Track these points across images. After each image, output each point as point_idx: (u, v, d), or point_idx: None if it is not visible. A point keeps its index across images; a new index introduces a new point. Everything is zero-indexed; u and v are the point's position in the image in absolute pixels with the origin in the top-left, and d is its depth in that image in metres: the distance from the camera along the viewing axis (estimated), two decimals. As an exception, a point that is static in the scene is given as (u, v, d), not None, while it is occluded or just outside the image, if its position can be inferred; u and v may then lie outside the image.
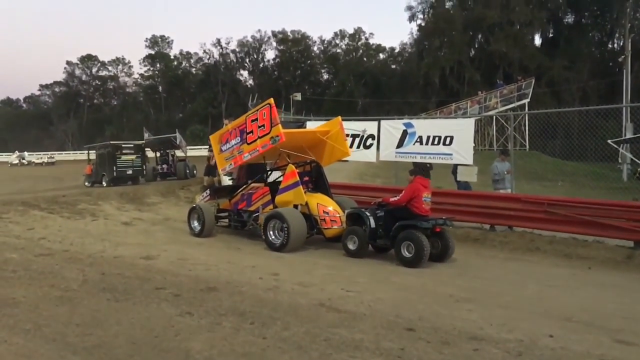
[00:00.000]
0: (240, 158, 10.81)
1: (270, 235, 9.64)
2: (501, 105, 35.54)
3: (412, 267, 8.12)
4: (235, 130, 10.96)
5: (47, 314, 5.55)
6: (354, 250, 8.97)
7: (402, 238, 8.33)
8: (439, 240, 8.62)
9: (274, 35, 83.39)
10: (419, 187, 8.65)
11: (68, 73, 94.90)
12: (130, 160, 21.98)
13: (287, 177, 10.12)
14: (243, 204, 11.09)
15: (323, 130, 11.14)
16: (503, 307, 6.12)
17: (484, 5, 58.37)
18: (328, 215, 9.72)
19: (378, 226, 8.91)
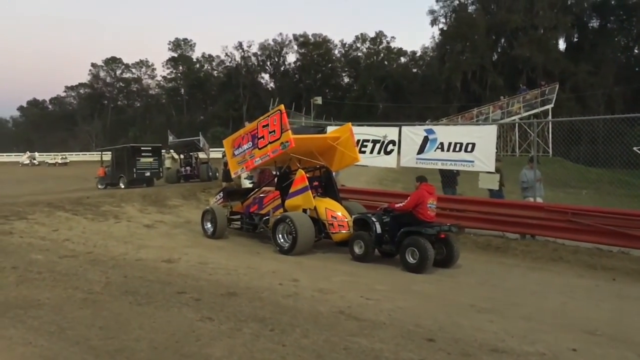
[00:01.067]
0: (252, 162, 11.06)
1: (279, 238, 9.85)
2: (524, 110, 35.10)
3: (416, 272, 8.21)
4: (247, 135, 11.22)
5: (70, 316, 5.64)
6: (360, 254, 9.11)
7: (406, 244, 8.46)
8: (444, 247, 8.70)
9: (296, 38, 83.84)
10: (424, 193, 8.77)
11: (93, 75, 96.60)
12: (149, 163, 22.62)
13: (297, 181, 10.33)
14: (255, 207, 11.35)
15: (333, 136, 11.35)
16: (525, 318, 6.05)
17: (508, 9, 57.87)
18: (336, 219, 9.90)
19: (384, 231, 9.04)
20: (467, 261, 9.47)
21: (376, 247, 9.09)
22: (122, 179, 22.31)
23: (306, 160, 10.80)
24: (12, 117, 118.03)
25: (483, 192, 12.23)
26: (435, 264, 8.47)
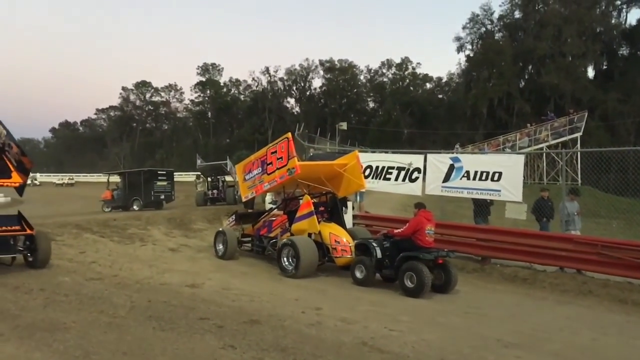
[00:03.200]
0: (261, 187, 11.63)
1: (284, 261, 10.16)
2: (552, 138, 34.64)
3: (413, 297, 8.40)
4: (257, 161, 11.82)
5: (95, 340, 5.67)
6: (361, 279, 9.34)
7: (405, 268, 8.68)
8: (442, 272, 8.90)
9: (321, 63, 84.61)
10: (422, 220, 9.00)
11: (123, 98, 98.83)
12: (164, 186, 23.55)
13: (303, 206, 10.70)
14: (264, 230, 11.76)
15: (340, 163, 11.67)
16: (553, 354, 5.89)
17: (535, 36, 57.69)
18: (339, 244, 10.21)
19: (384, 256, 9.25)
20: (494, 293, 9.32)
21: (377, 271, 9.31)
22: (136, 202, 22.87)
23: (313, 186, 11.18)
24: (44, 139, 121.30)
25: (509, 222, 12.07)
26: (434, 289, 8.72)
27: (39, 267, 9.36)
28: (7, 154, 9.71)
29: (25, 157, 9.69)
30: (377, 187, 14.04)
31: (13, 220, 9.65)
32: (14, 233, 9.40)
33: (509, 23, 62.96)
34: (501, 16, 63.62)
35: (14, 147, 9.66)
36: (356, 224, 12.77)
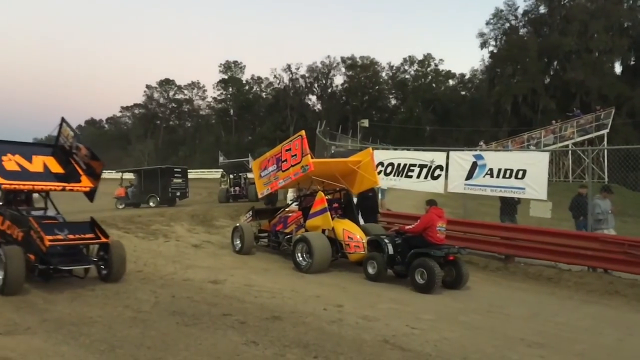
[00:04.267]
0: (276, 184, 11.88)
1: (298, 257, 10.35)
2: (578, 135, 34.06)
3: (424, 292, 8.54)
4: (272, 158, 12.06)
5: (120, 334, 5.78)
6: (373, 274, 9.51)
7: (416, 265, 8.82)
8: (453, 269, 9.01)
9: (343, 60, 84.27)
10: (433, 217, 9.08)
11: (147, 96, 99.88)
12: (179, 183, 24.19)
13: (317, 203, 10.87)
14: (280, 226, 11.98)
15: (354, 160, 11.82)
16: (578, 354, 5.82)
17: (560, 32, 56.61)
18: (352, 240, 10.32)
19: (396, 253, 9.41)
20: (518, 292, 9.23)
21: (388, 267, 9.46)
22: (152, 199, 23.29)
23: (328, 182, 11.38)
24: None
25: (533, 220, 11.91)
26: (445, 285, 8.90)
27: (112, 281, 8.39)
28: (75, 157, 9.17)
29: (95, 161, 8.93)
30: (398, 185, 14.00)
31: (85, 227, 8.63)
32: (88, 242, 8.48)
33: (534, 18, 61.88)
34: (526, 11, 62.57)
35: (82, 149, 9.03)
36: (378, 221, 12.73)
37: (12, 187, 8.24)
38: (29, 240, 7.86)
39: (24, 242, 7.95)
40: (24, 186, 8.44)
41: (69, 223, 8.70)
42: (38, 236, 7.69)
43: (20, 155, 8.77)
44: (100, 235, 8.50)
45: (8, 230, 8.41)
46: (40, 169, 8.81)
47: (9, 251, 7.39)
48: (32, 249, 7.79)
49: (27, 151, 9.02)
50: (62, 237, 7.90)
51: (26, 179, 8.40)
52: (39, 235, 7.68)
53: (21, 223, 8.18)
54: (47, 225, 7.95)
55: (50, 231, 7.80)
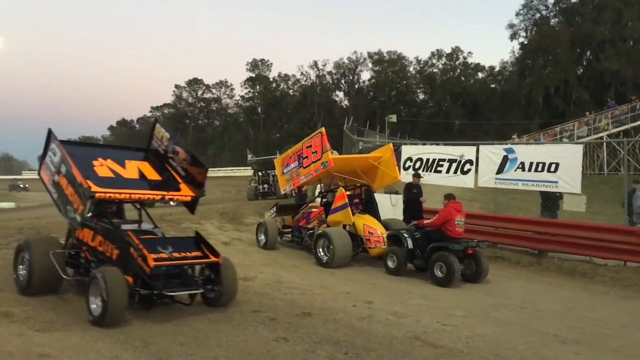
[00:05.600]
0: (298, 180, 12.11)
1: (320, 252, 10.53)
2: (613, 126, 33.12)
3: (443, 286, 8.61)
4: (294, 155, 12.28)
5: (154, 331, 5.87)
6: (393, 268, 9.67)
7: (435, 259, 8.93)
8: (473, 262, 9.07)
9: (370, 56, 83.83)
10: (452, 211, 9.17)
11: (176, 96, 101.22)
12: None
13: (338, 199, 11.09)
14: (303, 222, 12.19)
15: (375, 156, 12.00)
16: (614, 351, 5.69)
17: (593, 21, 55.18)
18: (373, 235, 10.50)
19: (416, 247, 9.52)
20: (551, 287, 9.08)
21: (408, 261, 9.59)
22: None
23: (349, 178, 11.53)
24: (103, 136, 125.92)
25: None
26: (465, 279, 9.01)
27: (221, 306, 6.90)
28: (171, 162, 7.83)
29: (196, 167, 7.51)
30: (428, 180, 13.85)
31: (190, 243, 7.17)
32: (197, 261, 6.88)
33: (565, 8, 60.43)
34: (557, 1, 61.15)
35: (180, 153, 7.65)
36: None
37: (107, 195, 6.61)
38: (127, 260, 6.51)
39: (120, 261, 6.63)
40: (119, 195, 6.85)
41: (171, 239, 7.70)
42: (140, 254, 6.32)
43: (112, 160, 7.47)
44: (208, 254, 6.97)
45: (100, 247, 7.09)
46: (135, 175, 7.50)
47: (109, 273, 6.05)
48: (130, 270, 6.38)
49: (119, 155, 7.77)
50: (167, 256, 6.47)
51: (121, 187, 6.96)
52: (140, 253, 6.31)
53: (117, 238, 6.84)
54: (147, 242, 6.58)
55: (152, 248, 6.40)
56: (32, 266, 6.96)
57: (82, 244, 7.43)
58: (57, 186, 7.11)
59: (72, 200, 6.65)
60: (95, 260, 7.12)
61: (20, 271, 7.24)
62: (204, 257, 6.90)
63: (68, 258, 7.49)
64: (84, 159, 7.04)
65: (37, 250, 7.05)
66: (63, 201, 6.93)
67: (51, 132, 7.38)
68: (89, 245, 7.28)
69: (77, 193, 6.54)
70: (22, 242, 7.51)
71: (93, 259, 7.19)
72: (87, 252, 7.33)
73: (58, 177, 7.06)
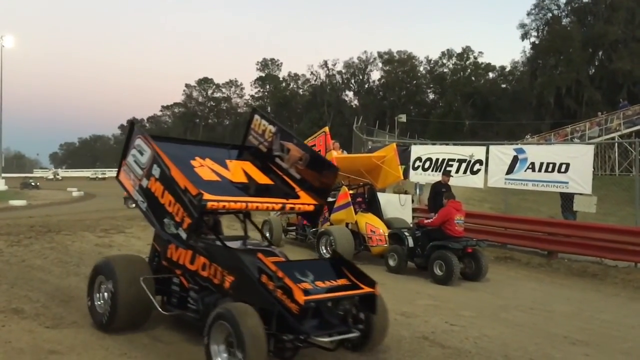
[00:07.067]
0: None
1: (322, 249, 10.66)
2: (625, 127, 32.83)
3: (442, 284, 8.68)
4: None
5: (163, 327, 5.89)
6: (394, 266, 9.76)
7: (435, 257, 9.04)
8: (473, 261, 9.16)
9: (380, 56, 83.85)
10: (451, 210, 9.28)
11: (186, 95, 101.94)
12: None
13: (340, 197, 11.19)
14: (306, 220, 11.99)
15: (379, 156, 12.09)
16: (625, 353, 5.65)
17: (606, 21, 54.77)
18: (375, 234, 10.57)
19: (416, 245, 9.59)
20: (561, 288, 9.02)
21: (408, 260, 9.67)
22: None
23: (352, 177, 11.60)
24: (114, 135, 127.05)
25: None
26: (465, 277, 9.11)
27: (367, 351, 5.16)
28: (280, 162, 6.15)
29: (318, 169, 5.84)
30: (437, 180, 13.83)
31: (326, 267, 5.25)
32: (350, 293, 4.92)
33: (578, 7, 60.03)
34: (569, 0, 60.79)
35: (292, 151, 6.00)
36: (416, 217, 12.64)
37: (221, 205, 5.08)
38: (254, 291, 4.78)
39: (237, 292, 4.95)
40: (234, 204, 5.28)
41: (304, 262, 5.72)
42: (280, 286, 4.55)
43: (211, 160, 5.90)
44: (357, 282, 5.03)
45: (204, 271, 5.38)
46: (243, 178, 5.90)
47: (241, 313, 4.35)
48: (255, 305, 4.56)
49: (216, 154, 6.15)
50: (311, 287, 4.63)
51: (232, 194, 5.37)
52: (281, 284, 4.54)
53: (231, 261, 5.14)
54: (285, 267, 4.78)
55: (293, 277, 4.60)
56: (116, 297, 5.40)
57: (176, 266, 5.73)
58: (146, 193, 5.52)
59: (172, 211, 5.10)
60: (195, 289, 5.47)
61: (98, 301, 5.75)
62: (354, 286, 4.97)
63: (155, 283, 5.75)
64: (180, 159, 5.43)
65: (123, 277, 5.48)
66: (158, 212, 5.38)
67: (135, 126, 6.07)
68: (185, 269, 5.60)
69: (180, 202, 4.98)
70: (101, 263, 5.85)
71: (192, 286, 5.53)
72: (183, 277, 5.64)
73: (148, 181, 5.48)
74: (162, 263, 5.93)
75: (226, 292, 5.06)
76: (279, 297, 4.53)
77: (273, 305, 4.56)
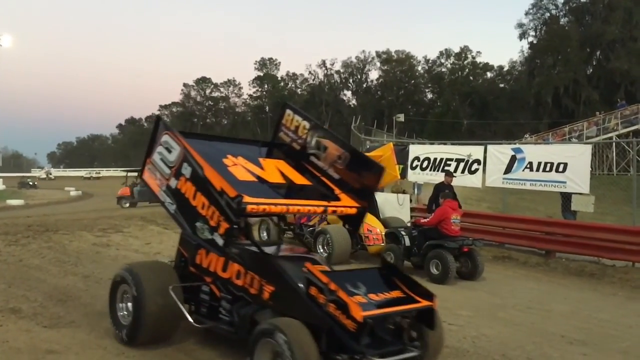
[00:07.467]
0: None
1: (319, 248, 10.60)
2: (622, 127, 32.89)
3: (439, 283, 8.59)
4: None
5: (160, 328, 5.87)
6: None
7: (431, 256, 9.06)
8: (469, 260, 9.19)
9: (378, 55, 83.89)
10: (448, 209, 9.26)
11: (184, 94, 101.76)
12: None
13: None
14: (304, 219, 12.15)
15: (376, 155, 12.03)
16: (622, 352, 5.66)
17: (603, 20, 54.84)
18: (372, 233, 10.60)
19: (413, 244, 9.60)
20: (559, 288, 9.03)
21: (405, 259, 9.66)
22: None
23: None
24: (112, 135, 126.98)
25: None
26: (461, 276, 9.12)
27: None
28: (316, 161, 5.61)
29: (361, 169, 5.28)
30: (435, 180, 13.82)
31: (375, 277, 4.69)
32: (408, 307, 4.37)
33: (575, 7, 60.13)
34: (567, 0, 60.89)
35: (330, 149, 5.48)
36: (414, 217, 12.67)
37: (261, 209, 4.57)
38: (299, 304, 4.29)
39: (276, 303, 4.55)
40: (274, 207, 4.78)
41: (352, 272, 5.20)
42: (333, 300, 4.04)
43: (243, 158, 5.39)
44: (412, 294, 4.48)
45: (238, 280, 4.90)
46: (279, 178, 5.37)
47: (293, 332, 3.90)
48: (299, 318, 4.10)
49: (248, 152, 5.66)
50: (365, 300, 4.11)
51: (269, 195, 4.86)
52: (334, 298, 4.03)
53: (268, 268, 4.71)
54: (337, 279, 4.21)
55: (346, 289, 4.09)
56: (142, 308, 4.93)
57: (206, 273, 5.22)
58: (175, 194, 5.07)
59: (206, 215, 4.63)
60: (228, 298, 4.97)
61: (121, 312, 5.31)
62: (410, 299, 4.42)
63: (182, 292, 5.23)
64: (212, 157, 4.90)
65: (149, 286, 4.99)
66: (189, 216, 4.94)
67: (161, 121, 5.58)
68: (217, 276, 5.10)
69: (215, 204, 4.51)
70: (124, 270, 5.31)
71: (224, 295, 5.02)
72: (214, 286, 5.14)
73: (177, 181, 5.02)
74: (190, 269, 5.40)
75: (264, 303, 4.61)
76: (331, 312, 4.02)
77: (323, 321, 4.04)
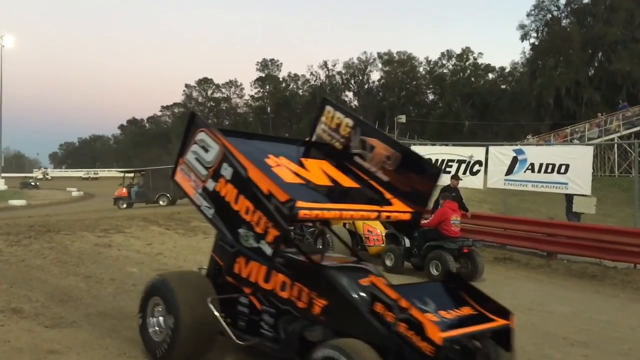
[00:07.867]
0: None
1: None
2: (624, 128, 32.90)
3: None
4: None
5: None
6: (391, 266, 9.77)
7: (431, 257, 9.16)
8: (468, 261, 9.20)
9: (380, 56, 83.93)
10: (448, 210, 9.33)
11: (186, 95, 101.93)
12: None
13: None
14: None
15: None
16: (624, 354, 5.65)
17: (605, 22, 54.81)
18: (372, 234, 10.68)
19: (413, 245, 9.65)
20: (560, 289, 9.02)
21: (405, 260, 9.74)
22: (162, 197, 23.65)
23: None
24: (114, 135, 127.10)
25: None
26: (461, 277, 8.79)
27: None
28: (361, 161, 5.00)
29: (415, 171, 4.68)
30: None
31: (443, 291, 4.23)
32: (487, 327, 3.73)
33: (577, 8, 60.12)
34: (568, 2, 60.81)
35: (378, 148, 4.88)
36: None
37: (314, 214, 3.97)
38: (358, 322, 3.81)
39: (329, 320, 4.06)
40: (328, 213, 4.16)
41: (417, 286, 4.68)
42: (404, 319, 3.51)
43: (286, 158, 4.74)
44: (484, 311, 3.91)
45: (283, 292, 4.44)
46: (326, 181, 4.78)
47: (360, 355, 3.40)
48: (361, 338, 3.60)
49: (289, 151, 5.03)
50: (438, 319, 3.57)
51: (318, 200, 4.24)
52: (406, 317, 3.51)
53: (319, 280, 4.21)
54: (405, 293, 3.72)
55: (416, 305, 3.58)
56: (178, 322, 4.48)
57: (245, 283, 4.76)
58: (213, 197, 4.45)
59: (251, 220, 3.97)
60: (271, 312, 4.49)
61: (153, 327, 4.90)
62: (484, 317, 3.84)
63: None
64: (255, 157, 4.24)
65: (185, 297, 4.56)
66: (230, 221, 4.26)
67: (196, 117, 4.84)
68: (258, 287, 4.65)
69: (262, 209, 3.88)
70: (156, 281, 4.93)
71: (267, 308, 4.54)
72: (254, 298, 4.67)
73: (215, 183, 4.40)
74: (226, 279, 4.95)
75: (315, 319, 4.12)
76: (402, 333, 3.49)
77: (390, 342, 3.53)
